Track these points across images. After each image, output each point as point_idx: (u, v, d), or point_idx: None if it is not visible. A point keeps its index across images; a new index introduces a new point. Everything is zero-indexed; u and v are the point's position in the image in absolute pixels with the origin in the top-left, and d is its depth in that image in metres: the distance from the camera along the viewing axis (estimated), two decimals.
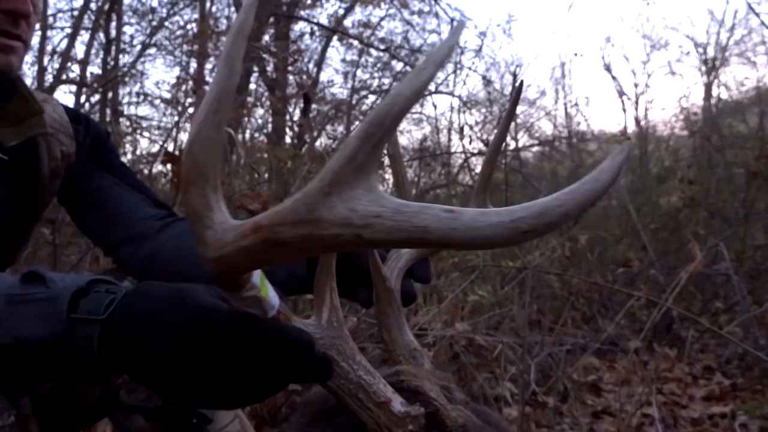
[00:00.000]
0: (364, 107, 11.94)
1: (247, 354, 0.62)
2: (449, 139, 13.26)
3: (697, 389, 3.14)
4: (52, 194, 1.32)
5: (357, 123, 12.12)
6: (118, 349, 0.67)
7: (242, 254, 0.55)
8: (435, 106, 18.10)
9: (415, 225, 0.52)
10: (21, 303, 0.69)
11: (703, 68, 11.19)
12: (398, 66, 12.04)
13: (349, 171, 0.53)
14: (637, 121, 12.94)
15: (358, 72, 12.46)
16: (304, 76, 11.16)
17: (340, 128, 11.90)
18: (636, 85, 14.19)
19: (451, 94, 11.93)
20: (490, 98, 11.36)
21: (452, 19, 10.97)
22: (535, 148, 13.21)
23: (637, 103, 13.36)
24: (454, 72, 12.18)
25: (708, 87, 10.65)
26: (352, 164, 0.53)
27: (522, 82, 1.07)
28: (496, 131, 1.01)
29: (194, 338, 0.62)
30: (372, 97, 12.38)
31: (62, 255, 3.35)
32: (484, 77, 11.51)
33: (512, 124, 13.98)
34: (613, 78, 15.83)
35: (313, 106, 11.09)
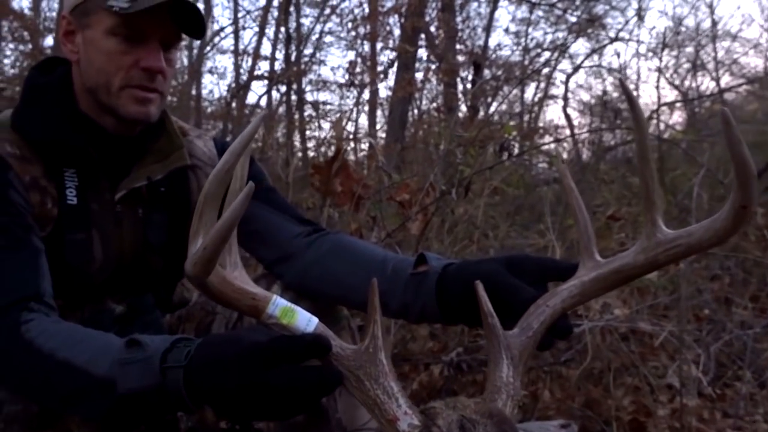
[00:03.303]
0: (537, 65, 11.43)
1: (282, 365, 0.86)
2: (636, 88, 12.18)
3: None
4: None
5: (532, 84, 11.65)
6: (198, 385, 0.91)
7: None
8: (618, 55, 16.67)
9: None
10: (128, 364, 0.95)
11: None
12: (572, 18, 11.30)
13: (191, 237, 0.84)
14: None
15: (530, 30, 11.94)
16: (472, 43, 10.98)
17: (515, 91, 11.53)
18: None
19: (636, 41, 10.90)
20: (678, 39, 10.18)
21: None
22: (743, 88, 11.58)
23: None
24: (637, 15, 11.12)
25: None
26: (192, 231, 0.84)
27: (622, 79, 0.96)
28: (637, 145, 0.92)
29: (248, 364, 0.87)
30: (546, 54, 11.80)
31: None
32: (671, 15, 10.34)
33: (713, 63, 12.33)
34: None
35: (485, 71, 10.90)
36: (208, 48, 12.26)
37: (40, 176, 1.24)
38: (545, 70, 11.16)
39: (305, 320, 0.87)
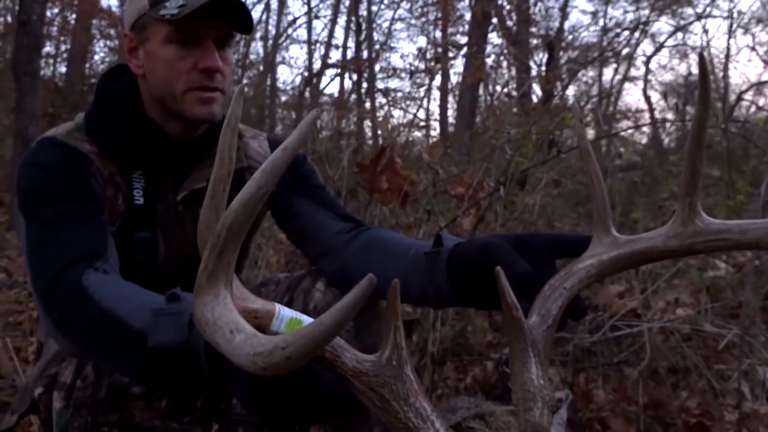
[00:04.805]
0: (616, 46, 10.94)
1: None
2: (725, 69, 11.45)
3: None
4: (259, 218, 1.59)
5: (610, 66, 11.16)
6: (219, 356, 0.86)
7: None
8: (706, 31, 15.64)
9: (212, 340, 0.67)
10: (162, 316, 0.91)
11: None
12: None
13: (204, 278, 0.68)
14: None
15: (608, 9, 11.43)
16: (546, 25, 10.65)
17: (591, 73, 11.14)
18: None
19: (725, 17, 10.21)
20: None
21: None
22: None
23: None
24: None
25: None
26: (206, 271, 0.68)
27: (703, 56, 0.84)
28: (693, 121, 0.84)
29: None
30: (625, 34, 11.28)
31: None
32: None
33: None
34: None
35: (560, 54, 10.56)
36: (282, 39, 12.54)
37: (116, 173, 1.32)
38: (625, 51, 10.67)
39: None
